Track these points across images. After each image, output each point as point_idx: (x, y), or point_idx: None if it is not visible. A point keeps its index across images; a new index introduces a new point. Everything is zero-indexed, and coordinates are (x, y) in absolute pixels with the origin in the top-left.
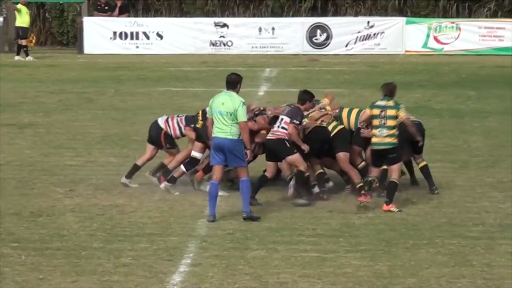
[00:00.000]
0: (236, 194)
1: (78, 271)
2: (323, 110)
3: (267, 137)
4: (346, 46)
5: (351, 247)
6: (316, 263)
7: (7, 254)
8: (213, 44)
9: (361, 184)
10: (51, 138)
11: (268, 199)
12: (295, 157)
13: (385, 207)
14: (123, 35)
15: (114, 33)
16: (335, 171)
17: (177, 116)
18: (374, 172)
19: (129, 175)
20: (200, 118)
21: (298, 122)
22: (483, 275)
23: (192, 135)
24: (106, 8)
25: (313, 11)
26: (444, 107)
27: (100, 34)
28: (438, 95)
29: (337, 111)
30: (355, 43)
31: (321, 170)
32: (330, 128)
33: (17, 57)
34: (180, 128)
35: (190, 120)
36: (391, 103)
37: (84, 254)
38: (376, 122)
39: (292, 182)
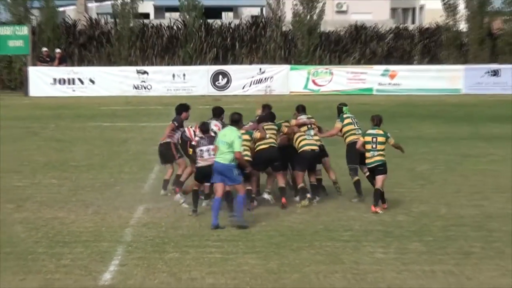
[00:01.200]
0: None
1: (26, 271)
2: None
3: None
4: (243, 88)
5: (248, 249)
6: (220, 263)
7: None
8: (135, 87)
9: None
10: (2, 164)
11: (182, 212)
12: None
13: (373, 208)
14: (62, 81)
15: (54, 79)
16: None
17: (190, 127)
18: (301, 177)
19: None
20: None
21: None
22: (351, 270)
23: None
24: (48, 59)
25: (216, 60)
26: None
27: (42, 80)
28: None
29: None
30: (250, 85)
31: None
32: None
33: None
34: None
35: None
36: (380, 131)
37: (31, 257)
38: (368, 146)
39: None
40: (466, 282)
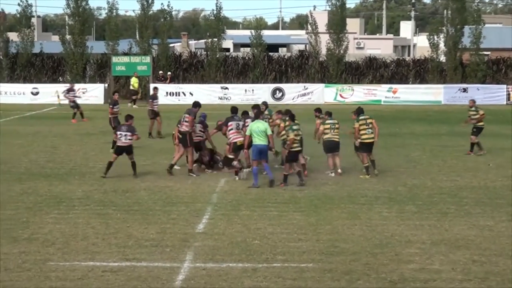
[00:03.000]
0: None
1: (147, 222)
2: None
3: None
4: (293, 99)
5: (296, 209)
6: (276, 218)
7: (109, 213)
8: (220, 98)
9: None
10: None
11: (245, 183)
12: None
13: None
14: (171, 93)
15: (167, 92)
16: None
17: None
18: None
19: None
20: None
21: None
22: (366, 224)
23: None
24: (162, 79)
25: (274, 80)
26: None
27: (159, 93)
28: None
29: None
30: (297, 97)
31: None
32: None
33: (129, 105)
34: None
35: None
36: (367, 116)
37: (151, 213)
38: (363, 127)
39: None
40: (445, 233)
